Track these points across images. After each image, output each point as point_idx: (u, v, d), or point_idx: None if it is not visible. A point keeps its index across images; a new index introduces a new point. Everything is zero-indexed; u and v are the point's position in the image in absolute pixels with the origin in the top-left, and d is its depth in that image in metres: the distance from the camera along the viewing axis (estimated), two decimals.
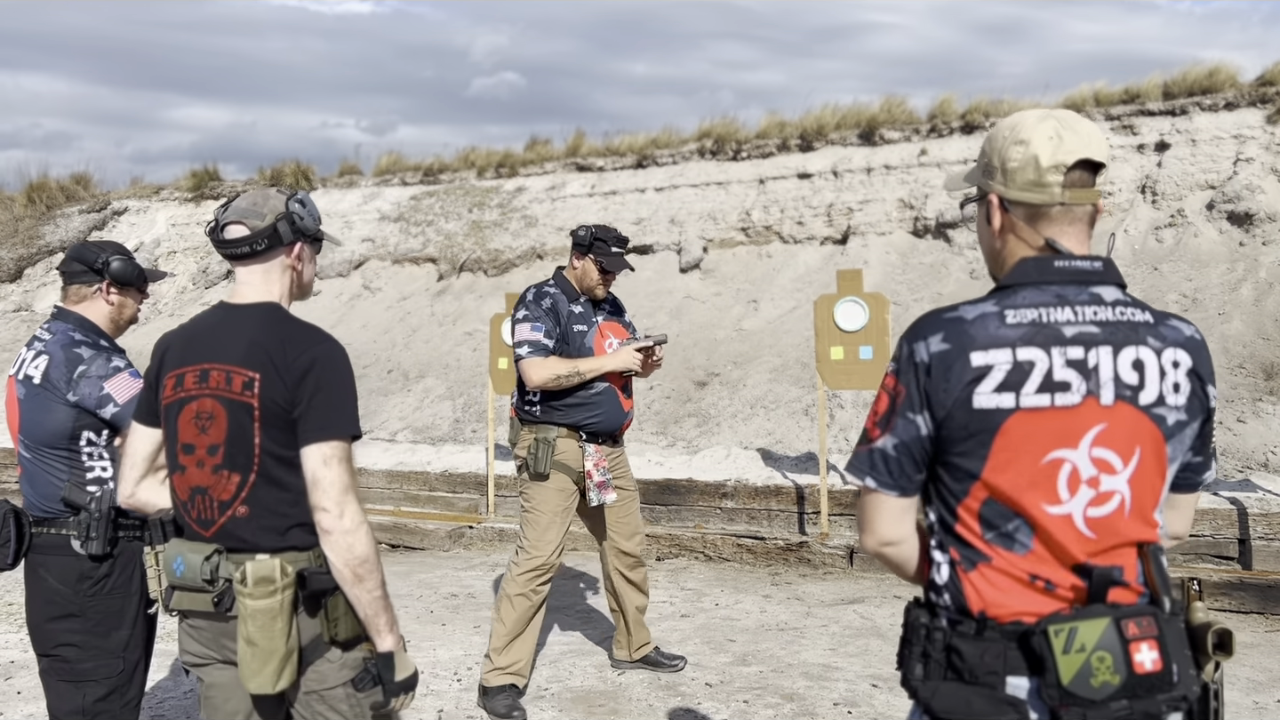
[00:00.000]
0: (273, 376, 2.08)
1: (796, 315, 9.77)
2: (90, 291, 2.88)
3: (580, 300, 4.27)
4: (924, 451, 1.61)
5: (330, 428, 2.07)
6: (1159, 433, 1.60)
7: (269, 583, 1.99)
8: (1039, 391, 1.55)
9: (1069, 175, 1.61)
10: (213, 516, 2.11)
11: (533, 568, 4.13)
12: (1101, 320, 1.59)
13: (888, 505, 1.64)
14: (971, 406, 1.56)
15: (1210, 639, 1.60)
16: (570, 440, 4.21)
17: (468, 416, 9.65)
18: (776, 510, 7.10)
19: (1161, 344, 1.60)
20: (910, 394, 1.60)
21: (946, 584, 1.62)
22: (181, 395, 2.15)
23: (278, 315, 2.18)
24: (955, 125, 10.82)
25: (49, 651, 2.77)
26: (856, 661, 4.71)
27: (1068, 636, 1.50)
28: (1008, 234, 1.67)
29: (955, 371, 1.56)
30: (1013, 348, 1.56)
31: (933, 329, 1.60)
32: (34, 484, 2.78)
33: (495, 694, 4.07)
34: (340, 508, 2.03)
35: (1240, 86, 9.73)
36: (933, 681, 1.60)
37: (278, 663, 2.01)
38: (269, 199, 2.21)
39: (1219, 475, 6.69)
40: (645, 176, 12.16)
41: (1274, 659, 4.76)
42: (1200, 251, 8.92)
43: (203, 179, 15.10)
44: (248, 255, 2.18)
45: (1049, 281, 1.60)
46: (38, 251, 15.02)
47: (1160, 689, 1.51)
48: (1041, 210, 1.63)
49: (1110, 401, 1.57)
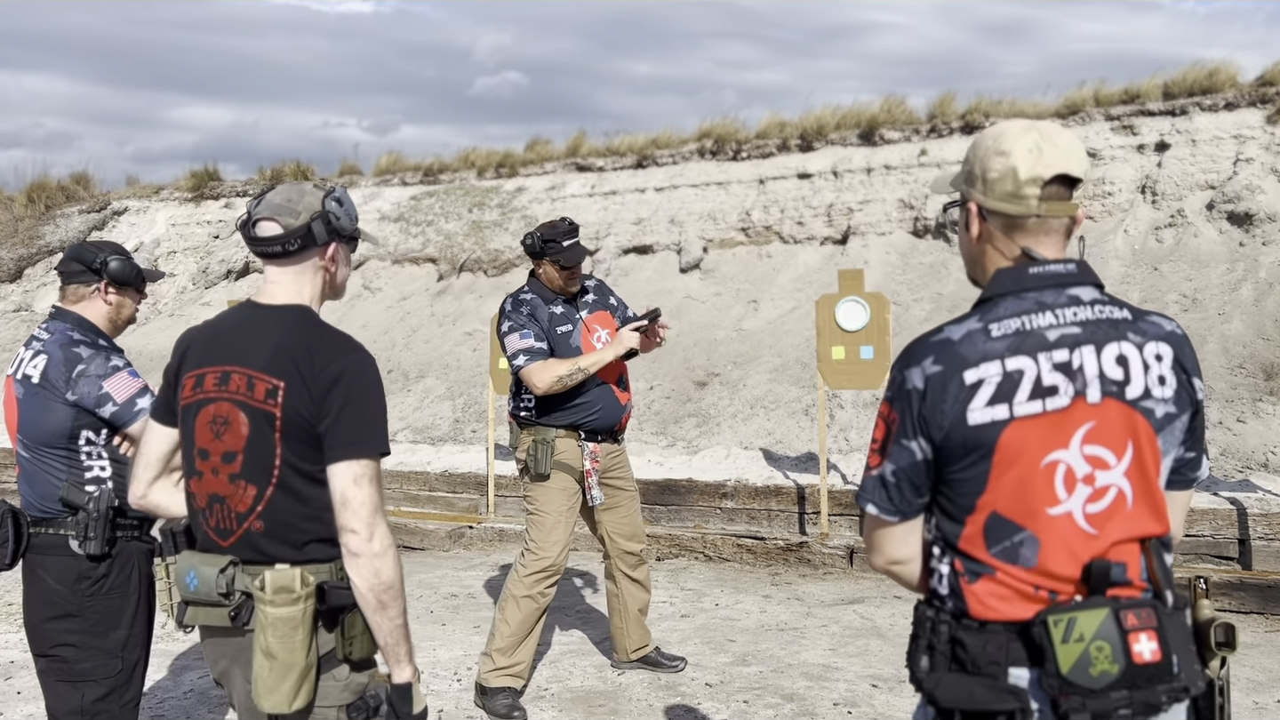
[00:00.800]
0: (298, 386, 1.99)
1: (796, 315, 9.77)
2: (88, 291, 2.87)
3: (558, 300, 4.25)
4: (923, 476, 1.64)
5: (361, 444, 1.99)
6: (1149, 425, 1.62)
7: (289, 592, 1.92)
8: (1030, 399, 1.58)
9: (1046, 189, 1.64)
10: (231, 527, 2.03)
11: (540, 569, 4.12)
12: (1082, 320, 1.62)
13: (891, 529, 1.69)
14: (968, 424, 1.58)
15: (1214, 634, 1.62)
16: (569, 440, 4.20)
17: (468, 416, 9.65)
18: (776, 510, 7.10)
19: (1143, 339, 1.63)
20: (904, 421, 1.63)
21: (949, 594, 1.64)
22: (200, 397, 2.07)
23: (307, 319, 2.09)
24: (955, 125, 10.82)
25: (47, 651, 2.77)
26: (856, 661, 4.71)
27: (1067, 626, 1.53)
28: (985, 242, 1.71)
29: (951, 391, 1.59)
30: (1001, 359, 1.59)
31: (923, 354, 1.63)
32: (32, 484, 2.78)
33: (495, 694, 4.07)
34: (370, 530, 1.95)
35: (1240, 86, 9.73)
36: (937, 673, 1.62)
37: (296, 678, 1.92)
38: (304, 195, 2.10)
39: (1219, 475, 6.68)
40: (645, 176, 12.16)
41: (1274, 659, 4.76)
42: (1200, 252, 8.92)
43: (202, 179, 15.11)
44: (279, 255, 2.09)
45: (1026, 289, 1.64)
46: (38, 251, 15.02)
47: (1160, 680, 1.53)
48: (1018, 221, 1.66)
49: (1098, 399, 1.59)
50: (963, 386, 1.59)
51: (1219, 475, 6.69)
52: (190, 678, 4.55)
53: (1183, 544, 5.99)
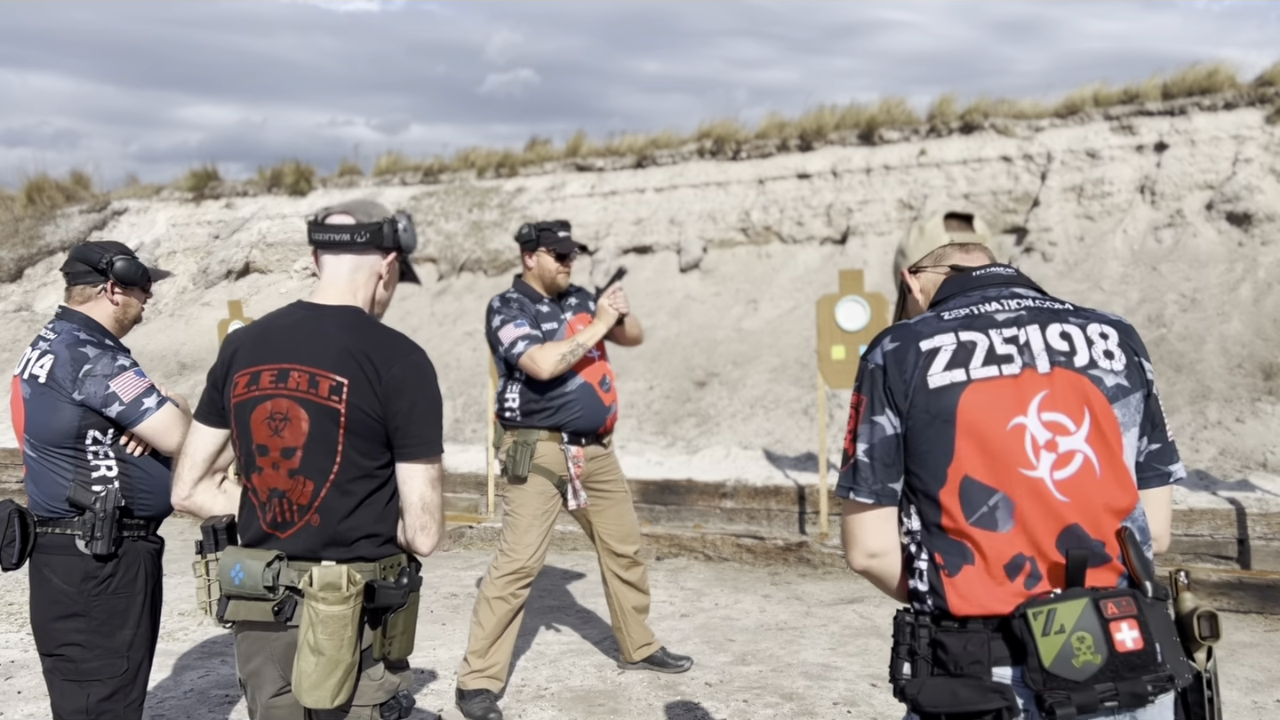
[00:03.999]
0: (363, 384, 2.03)
1: (796, 315, 9.78)
2: (95, 292, 2.88)
3: (544, 300, 4.29)
4: (894, 452, 1.69)
5: (434, 444, 2.06)
6: (1101, 394, 1.67)
7: (336, 589, 1.95)
8: (985, 364, 1.67)
9: (947, 221, 1.90)
10: (292, 519, 2.06)
11: (511, 571, 4.13)
12: (1026, 307, 1.74)
13: (868, 515, 1.71)
14: (929, 388, 1.66)
15: (1199, 626, 1.63)
16: (551, 443, 4.19)
17: (467, 416, 9.67)
18: (776, 510, 7.12)
19: (1085, 321, 1.73)
20: (871, 399, 1.71)
21: (929, 590, 1.65)
22: (256, 394, 2.09)
23: (363, 319, 2.14)
24: (954, 125, 10.83)
25: (53, 651, 2.77)
26: (856, 661, 4.72)
27: (1047, 618, 1.53)
28: (927, 289, 1.89)
29: (909, 360, 1.68)
30: (955, 332, 1.70)
31: (881, 338, 1.75)
32: (39, 483, 2.78)
33: (472, 696, 4.07)
34: (441, 532, 2.07)
35: (1239, 87, 9.75)
36: (919, 679, 1.63)
37: (341, 674, 1.95)
38: (378, 206, 2.23)
39: (1218, 475, 6.70)
40: (645, 177, 12.17)
41: (1273, 659, 4.77)
42: (1199, 252, 8.93)
43: (202, 179, 15.12)
44: (345, 244, 2.15)
45: (971, 289, 1.78)
46: (38, 251, 15.02)
47: (1144, 669, 1.53)
48: (940, 253, 1.88)
49: (1047, 369, 1.67)
50: (920, 354, 1.68)
51: (1218, 475, 6.71)
52: (190, 678, 4.56)
53: (1182, 544, 6.00)
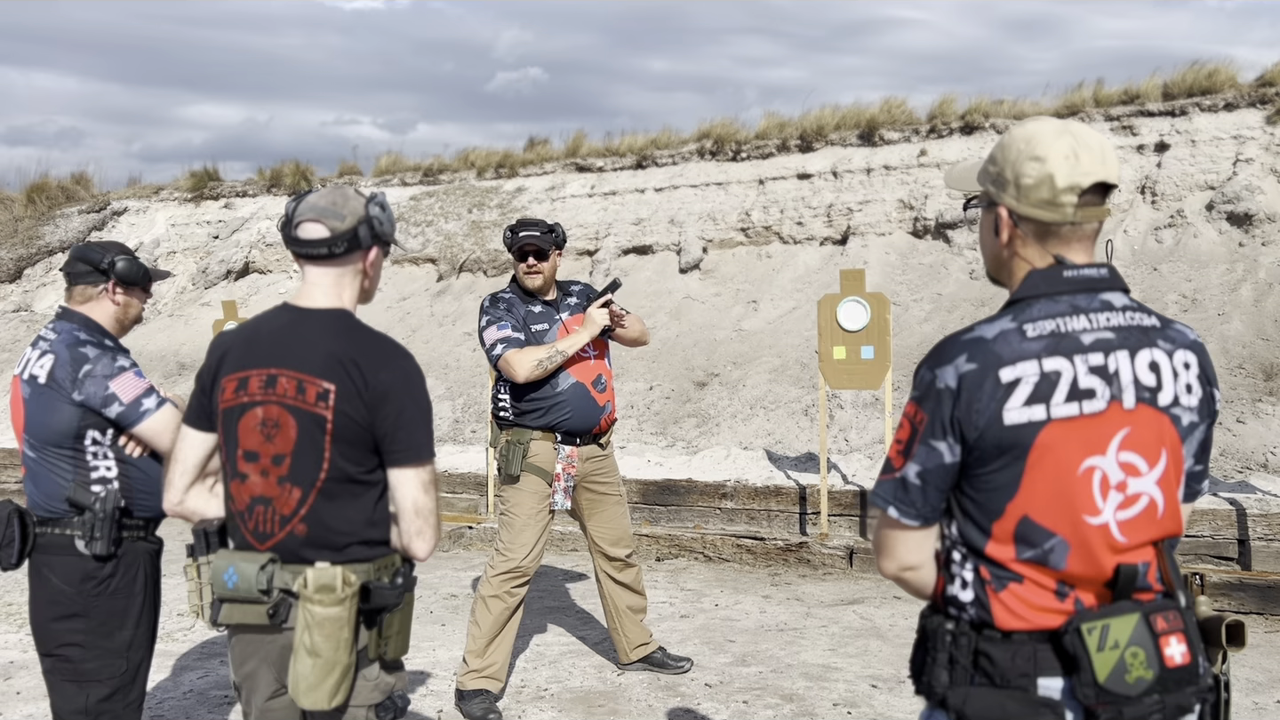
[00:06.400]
0: (350, 390, 2.00)
1: (796, 315, 9.78)
2: (95, 292, 2.88)
3: (536, 301, 4.28)
4: (949, 479, 1.59)
5: (424, 449, 2.04)
6: (1176, 434, 1.61)
7: (331, 590, 1.93)
8: (1068, 401, 1.54)
9: (1083, 197, 1.60)
10: (273, 530, 2.04)
11: (506, 570, 4.13)
12: (1115, 326, 1.60)
13: (908, 533, 1.62)
14: (1004, 424, 1.54)
15: (1224, 632, 1.62)
16: (545, 443, 4.19)
17: (467, 416, 9.66)
18: (776, 511, 7.11)
19: (1172, 346, 1.62)
20: (933, 421, 1.57)
21: (972, 601, 1.59)
22: (245, 399, 2.06)
23: (350, 323, 2.10)
24: (955, 126, 10.83)
25: (52, 651, 2.77)
26: (856, 662, 4.72)
27: (1101, 634, 1.50)
28: (1015, 246, 1.66)
29: (986, 391, 1.54)
30: (1038, 359, 1.55)
31: (956, 352, 1.58)
32: (38, 484, 2.78)
33: (471, 697, 4.06)
34: (436, 536, 2.04)
35: (1240, 87, 9.74)
36: (961, 688, 1.57)
37: (338, 676, 1.94)
38: (349, 200, 2.11)
39: (1219, 475, 6.70)
40: (645, 177, 12.17)
41: (1274, 659, 4.77)
42: (1200, 252, 8.93)
43: (202, 179, 15.11)
44: (324, 257, 2.09)
45: (1060, 292, 1.61)
46: (37, 251, 15.01)
47: (1189, 682, 1.53)
48: (1052, 228, 1.62)
49: (1132, 405, 1.57)
50: (999, 385, 1.54)
51: (1219, 476, 6.70)
52: (190, 678, 4.56)
53: (1182, 545, 6.00)
